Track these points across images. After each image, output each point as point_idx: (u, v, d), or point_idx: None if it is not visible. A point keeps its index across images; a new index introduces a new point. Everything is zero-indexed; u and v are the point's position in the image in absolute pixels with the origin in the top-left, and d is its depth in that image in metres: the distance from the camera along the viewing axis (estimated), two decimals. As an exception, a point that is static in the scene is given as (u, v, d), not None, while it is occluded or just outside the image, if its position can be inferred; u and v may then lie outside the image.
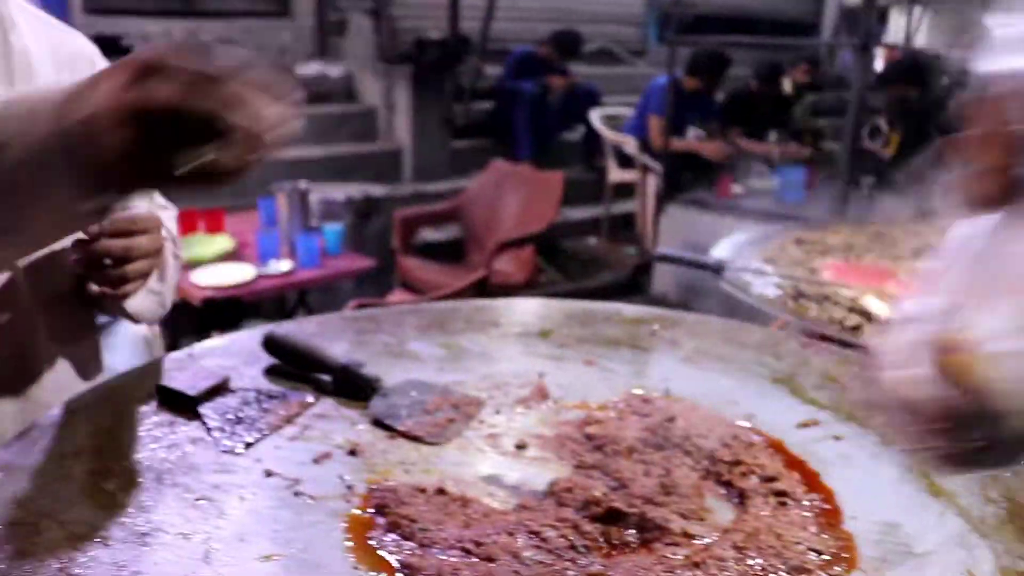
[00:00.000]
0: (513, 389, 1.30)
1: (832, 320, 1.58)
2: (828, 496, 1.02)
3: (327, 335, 1.45)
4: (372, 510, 0.98)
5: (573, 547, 0.91)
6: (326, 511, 0.98)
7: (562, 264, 6.14)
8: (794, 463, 1.09)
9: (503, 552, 0.89)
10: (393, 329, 1.49)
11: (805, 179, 5.53)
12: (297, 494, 1.01)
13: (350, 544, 0.92)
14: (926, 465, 1.04)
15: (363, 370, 1.25)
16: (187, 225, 3.64)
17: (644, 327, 1.52)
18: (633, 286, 5.79)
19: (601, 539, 0.93)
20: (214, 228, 3.68)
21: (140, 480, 1.00)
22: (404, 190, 6.16)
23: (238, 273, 3.30)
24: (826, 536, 0.93)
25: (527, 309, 1.59)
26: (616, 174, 6.58)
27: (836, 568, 0.88)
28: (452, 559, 0.88)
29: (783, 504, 1.00)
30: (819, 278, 1.79)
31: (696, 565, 0.87)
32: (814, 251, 2.05)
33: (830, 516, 0.98)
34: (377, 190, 4.67)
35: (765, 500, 1.00)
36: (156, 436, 1.11)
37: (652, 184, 5.91)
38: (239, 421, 1.16)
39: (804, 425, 1.19)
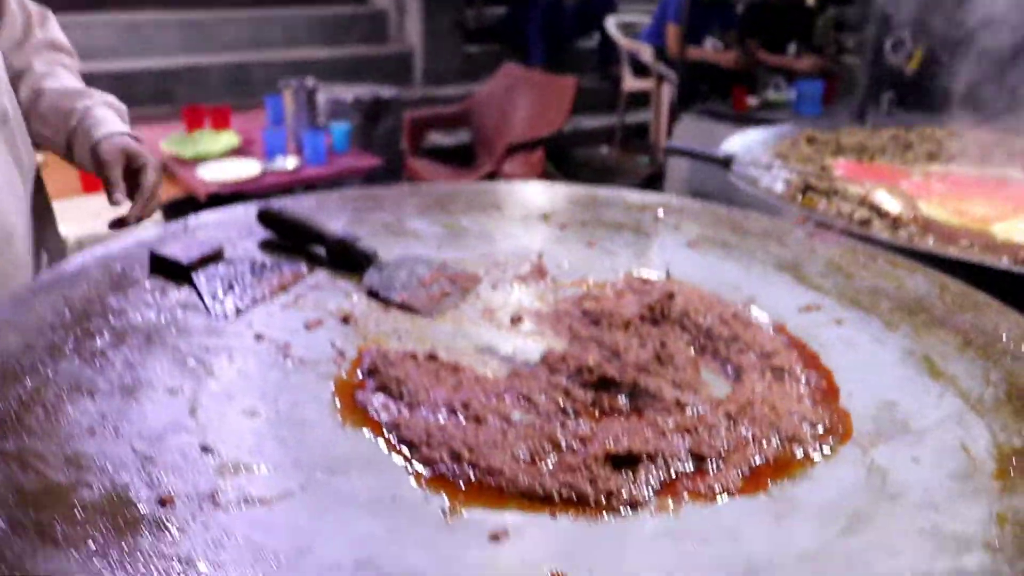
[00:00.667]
0: (511, 267, 1.27)
1: (841, 214, 1.53)
2: (827, 375, 0.99)
3: (325, 211, 1.41)
4: (361, 373, 0.96)
5: (563, 411, 0.88)
6: (315, 373, 0.96)
7: (573, 172, 6.04)
8: (794, 344, 1.06)
9: (492, 414, 0.87)
10: (393, 208, 1.45)
11: (823, 93, 5.37)
12: (286, 357, 0.99)
13: (337, 404, 0.90)
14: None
15: (359, 244, 1.22)
16: (193, 121, 3.57)
17: (648, 213, 1.48)
18: (644, 196, 5.69)
19: (592, 405, 0.91)
20: (220, 124, 3.60)
21: (130, 340, 0.98)
22: (414, 93, 6.03)
23: (244, 169, 3.25)
24: (822, 411, 0.90)
25: (530, 192, 1.54)
26: (631, 83, 6.41)
27: (830, 439, 0.86)
28: (440, 420, 0.86)
29: (779, 379, 0.97)
30: (830, 174, 1.73)
31: (687, 431, 0.85)
32: (826, 150, 1.98)
33: (827, 393, 0.95)
34: (386, 91, 4.56)
35: (761, 375, 0.97)
36: (147, 301, 1.08)
37: (667, 94, 5.75)
38: (231, 288, 1.13)
39: (806, 309, 1.16)
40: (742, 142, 2.03)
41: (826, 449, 0.84)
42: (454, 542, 0.70)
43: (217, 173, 3.19)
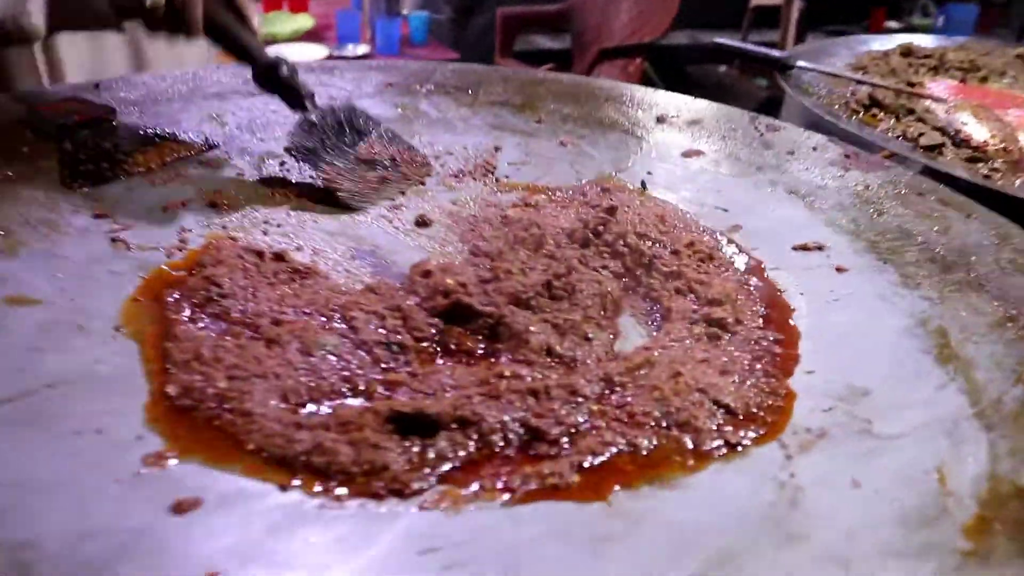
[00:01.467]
0: (455, 160, 1.02)
1: (907, 138, 1.17)
2: (789, 340, 0.71)
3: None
4: (186, 269, 0.75)
5: (385, 345, 0.64)
6: (135, 262, 0.76)
7: (682, 89, 5.56)
8: (763, 293, 0.77)
9: (294, 338, 0.64)
10: (351, 81, 1.21)
11: (975, 19, 4.65)
12: (114, 240, 0.79)
13: (120, 306, 0.69)
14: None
15: (296, 76, 0.97)
16: (270, 3, 3.39)
17: (654, 112, 1.17)
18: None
19: (434, 341, 0.66)
20: (297, 7, 3.41)
21: None
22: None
23: (311, 53, 3.06)
24: (753, 390, 0.63)
25: (516, 79, 1.26)
26: (759, -4, 5.78)
27: (745, 432, 0.58)
28: (224, 339, 0.64)
29: (713, 338, 0.69)
30: (905, 87, 1.35)
31: (533, 395, 0.59)
32: (923, 65, 1.58)
33: (778, 365, 0.67)
34: (485, -15, 4.22)
35: (690, 328, 0.70)
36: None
37: (796, 11, 5.14)
38: (102, 156, 0.93)
39: (803, 248, 0.85)
40: (819, 46, 1.65)
41: (734, 446, 0.57)
42: (121, 501, 0.49)
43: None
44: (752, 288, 0.78)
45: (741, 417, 0.60)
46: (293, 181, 0.93)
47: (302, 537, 0.48)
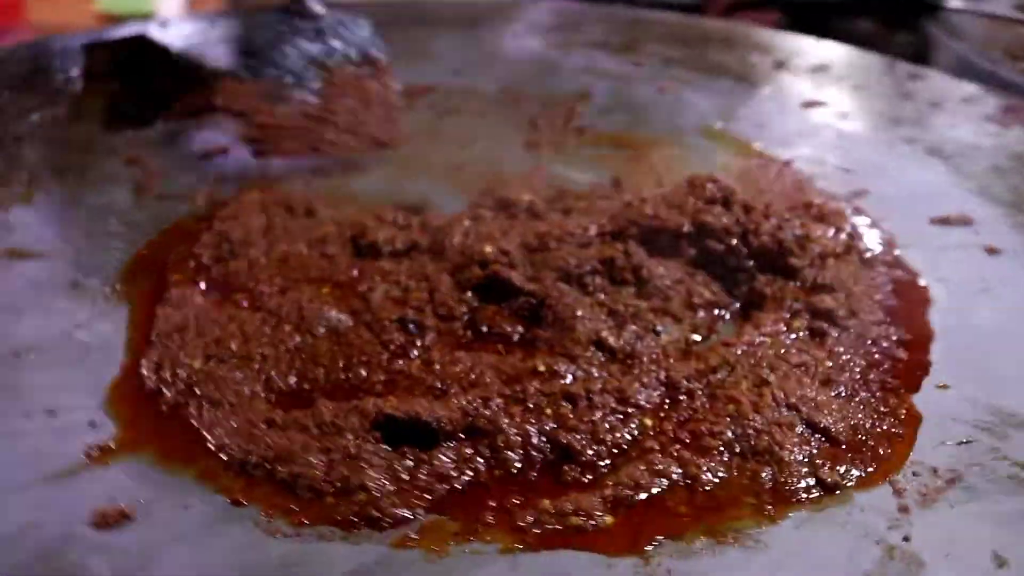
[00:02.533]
0: (533, 105, 0.87)
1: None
2: (919, 342, 0.53)
3: None
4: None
5: (400, 323, 0.51)
6: (155, 213, 0.67)
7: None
8: (895, 278, 0.59)
9: (293, 311, 0.52)
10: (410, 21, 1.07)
11: None
12: (139, 188, 0.70)
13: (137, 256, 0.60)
14: None
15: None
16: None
17: (771, 57, 0.98)
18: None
19: (462, 321, 0.53)
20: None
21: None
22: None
23: None
24: (864, 410, 0.46)
25: (618, 17, 1.09)
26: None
27: (842, 468, 0.42)
28: (219, 308, 0.53)
29: (817, 334, 0.52)
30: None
31: (569, 400, 0.45)
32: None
33: (901, 375, 0.50)
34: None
35: (788, 320, 0.53)
36: (35, 101, 0.82)
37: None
38: (150, 96, 0.84)
39: (944, 221, 0.66)
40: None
41: (832, 488, 0.41)
42: (43, 505, 0.39)
43: None
44: (876, 271, 0.60)
45: (844, 447, 0.44)
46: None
47: (237, 566, 0.36)
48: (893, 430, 0.45)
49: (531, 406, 0.44)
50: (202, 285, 0.57)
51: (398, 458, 0.41)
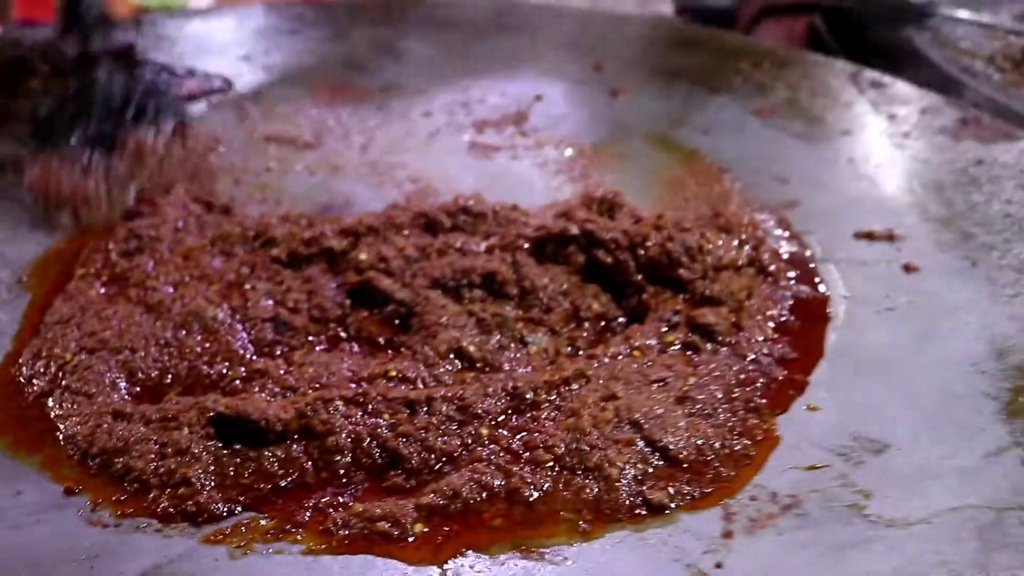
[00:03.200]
0: (485, 108, 0.87)
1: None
2: (803, 361, 0.52)
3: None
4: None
5: (273, 321, 0.52)
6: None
7: (858, 54, 4.99)
8: (801, 294, 0.58)
9: (177, 307, 0.53)
10: (392, 20, 1.07)
11: None
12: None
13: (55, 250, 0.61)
14: None
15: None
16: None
17: (736, 63, 0.96)
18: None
19: (335, 323, 0.53)
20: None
21: None
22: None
23: None
24: (717, 428, 0.45)
25: (583, 18, 1.07)
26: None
27: (673, 488, 0.41)
28: (109, 301, 0.54)
29: (690, 348, 0.51)
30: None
31: (408, 406, 0.45)
32: None
33: (771, 395, 0.48)
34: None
35: (661, 335, 0.52)
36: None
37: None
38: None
39: (868, 236, 0.64)
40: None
41: (658, 508, 0.40)
42: None
43: None
44: (779, 286, 0.58)
45: (684, 467, 0.43)
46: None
47: (47, 551, 0.37)
48: (744, 452, 0.44)
49: (370, 409, 0.44)
50: (101, 279, 0.58)
51: (228, 455, 0.42)
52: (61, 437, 0.44)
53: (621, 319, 0.55)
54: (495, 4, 1.11)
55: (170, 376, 0.49)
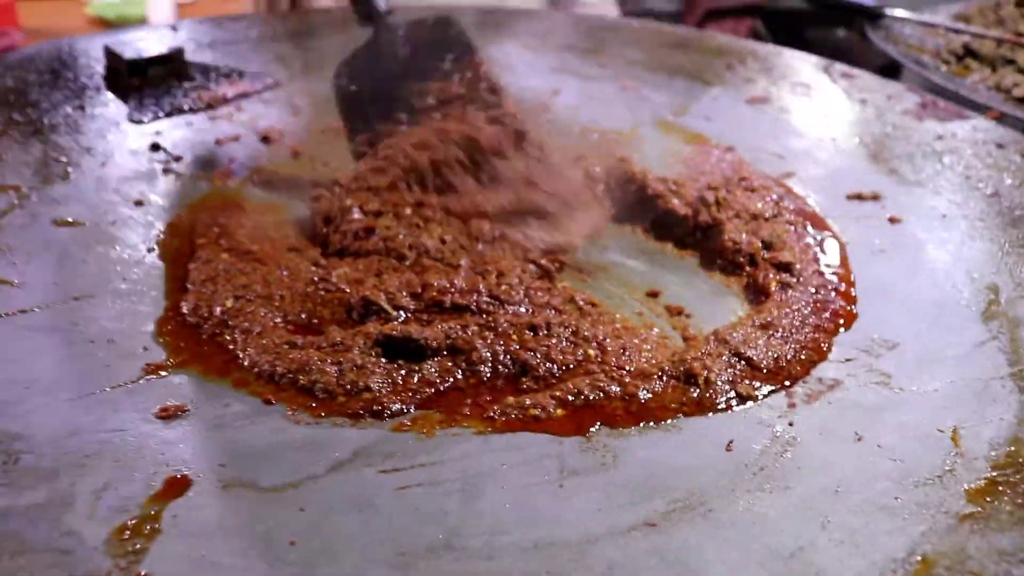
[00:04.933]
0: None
1: (999, 88, 1.06)
2: (846, 291, 0.65)
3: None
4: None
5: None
6: (180, 190, 0.78)
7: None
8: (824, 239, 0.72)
9: (294, 267, 0.64)
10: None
11: None
12: (165, 170, 0.81)
13: (159, 227, 0.71)
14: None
15: None
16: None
17: (723, 60, 1.11)
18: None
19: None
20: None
21: (13, 131, 0.83)
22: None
23: None
24: (792, 345, 0.58)
25: (586, 24, 1.21)
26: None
27: (756, 384, 0.54)
28: (239, 263, 0.65)
29: (779, 286, 0.64)
30: (1009, 36, 1.22)
31: (531, 329, 0.56)
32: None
33: (833, 317, 0.62)
34: (594, -56, 4.11)
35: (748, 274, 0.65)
36: (68, 96, 0.93)
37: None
38: (168, 93, 0.96)
39: (858, 197, 0.79)
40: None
41: (745, 396, 0.53)
42: (113, 404, 0.50)
43: None
44: (804, 232, 0.72)
45: (764, 371, 0.55)
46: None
47: (273, 447, 0.47)
48: (808, 359, 0.57)
49: (500, 332, 0.56)
50: (222, 247, 0.68)
51: (395, 368, 0.53)
52: (246, 364, 0.55)
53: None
54: (508, 11, 1.24)
55: (316, 319, 0.59)
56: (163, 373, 0.53)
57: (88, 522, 0.41)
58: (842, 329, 0.60)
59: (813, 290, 0.64)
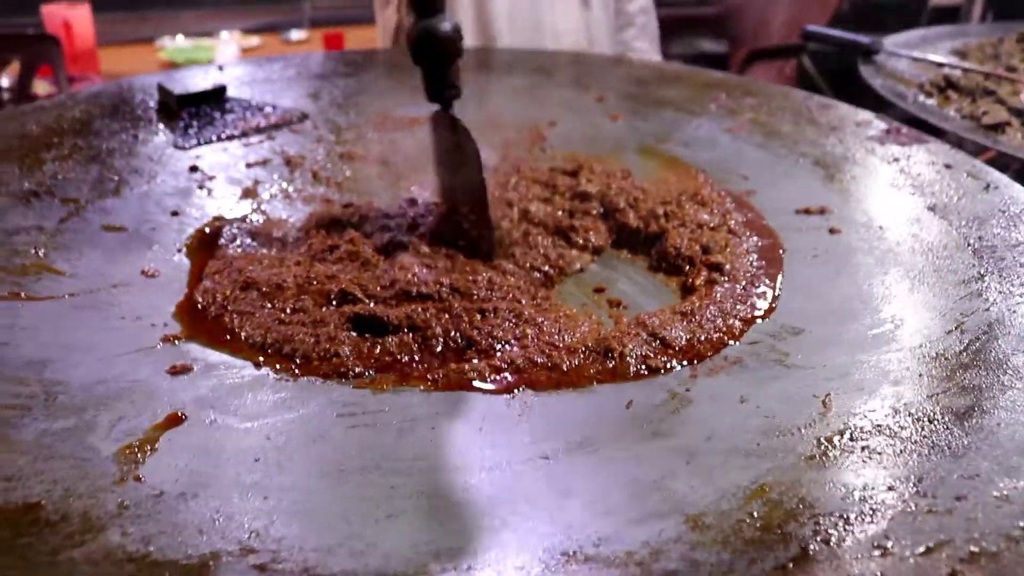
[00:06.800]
0: (510, 131, 1.11)
1: (972, 117, 1.14)
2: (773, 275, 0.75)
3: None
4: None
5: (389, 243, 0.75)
6: (212, 203, 0.92)
7: (850, 94, 5.29)
8: (763, 245, 0.81)
9: (311, 291, 0.76)
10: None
11: None
12: (200, 186, 0.95)
13: (190, 232, 0.85)
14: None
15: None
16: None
17: (711, 93, 1.21)
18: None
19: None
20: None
21: (77, 155, 0.99)
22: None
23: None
24: (707, 329, 0.67)
25: (596, 63, 1.33)
26: (941, -7, 5.40)
27: (664, 359, 0.64)
28: (249, 259, 0.78)
29: (711, 284, 0.74)
30: (996, 71, 1.29)
31: (481, 312, 0.67)
32: (1044, 49, 1.49)
33: (751, 308, 0.71)
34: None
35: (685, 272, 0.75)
36: (126, 126, 1.09)
37: (979, 10, 4.77)
38: (210, 123, 1.11)
39: (805, 211, 0.88)
40: (932, 32, 1.60)
41: (655, 369, 0.63)
42: (136, 362, 0.62)
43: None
44: (745, 239, 0.82)
45: (677, 349, 0.65)
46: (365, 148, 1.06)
47: (255, 396, 0.59)
48: (720, 340, 0.67)
49: (454, 314, 0.67)
50: (246, 241, 0.81)
51: (362, 340, 0.65)
52: (243, 337, 0.67)
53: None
54: (514, 51, 1.37)
55: (301, 307, 0.71)
56: (176, 343, 0.66)
57: (104, 441, 0.53)
58: (759, 320, 0.69)
59: (740, 287, 0.73)
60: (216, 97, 1.17)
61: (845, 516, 0.46)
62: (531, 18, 1.42)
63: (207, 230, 0.86)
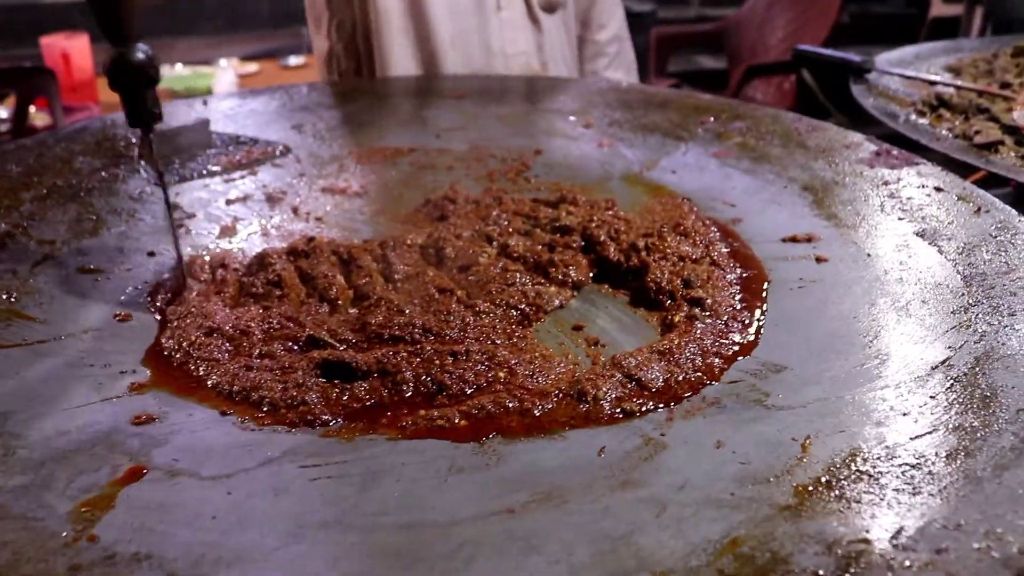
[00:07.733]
0: (495, 161, 1.11)
1: (964, 136, 1.12)
2: (750, 322, 0.73)
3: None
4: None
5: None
6: (191, 243, 0.91)
7: (851, 110, 5.28)
8: (744, 276, 0.80)
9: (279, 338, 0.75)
10: (414, 93, 1.33)
11: None
12: (179, 227, 0.95)
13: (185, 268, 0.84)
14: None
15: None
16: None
17: (699, 117, 1.20)
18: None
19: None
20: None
21: (55, 196, 0.98)
22: (687, 13, 5.61)
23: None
24: (686, 369, 0.66)
25: (584, 88, 1.33)
26: (939, 7, 5.40)
27: (639, 401, 0.62)
28: (215, 302, 0.77)
29: (691, 319, 0.73)
30: (989, 88, 1.28)
31: (452, 355, 0.66)
32: (1039, 64, 1.47)
33: (730, 344, 0.70)
34: (640, 6, 4.28)
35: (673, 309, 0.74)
36: (109, 159, 1.09)
37: (978, 21, 4.76)
38: (191, 159, 1.11)
39: (792, 239, 0.86)
40: (925, 49, 1.59)
41: (630, 413, 0.61)
42: (100, 412, 0.62)
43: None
44: (729, 272, 0.80)
45: (653, 391, 0.63)
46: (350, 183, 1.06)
47: (218, 447, 0.58)
48: (698, 380, 0.65)
49: (425, 358, 0.66)
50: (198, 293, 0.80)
51: (330, 387, 0.63)
52: (208, 383, 0.66)
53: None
54: (502, 78, 1.37)
55: (270, 345, 0.70)
56: (144, 391, 0.65)
57: (59, 499, 0.52)
58: (740, 357, 0.68)
59: (721, 322, 0.72)
60: (198, 132, 1.16)
61: (817, 573, 0.44)
62: (478, 41, 1.41)
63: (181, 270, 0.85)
